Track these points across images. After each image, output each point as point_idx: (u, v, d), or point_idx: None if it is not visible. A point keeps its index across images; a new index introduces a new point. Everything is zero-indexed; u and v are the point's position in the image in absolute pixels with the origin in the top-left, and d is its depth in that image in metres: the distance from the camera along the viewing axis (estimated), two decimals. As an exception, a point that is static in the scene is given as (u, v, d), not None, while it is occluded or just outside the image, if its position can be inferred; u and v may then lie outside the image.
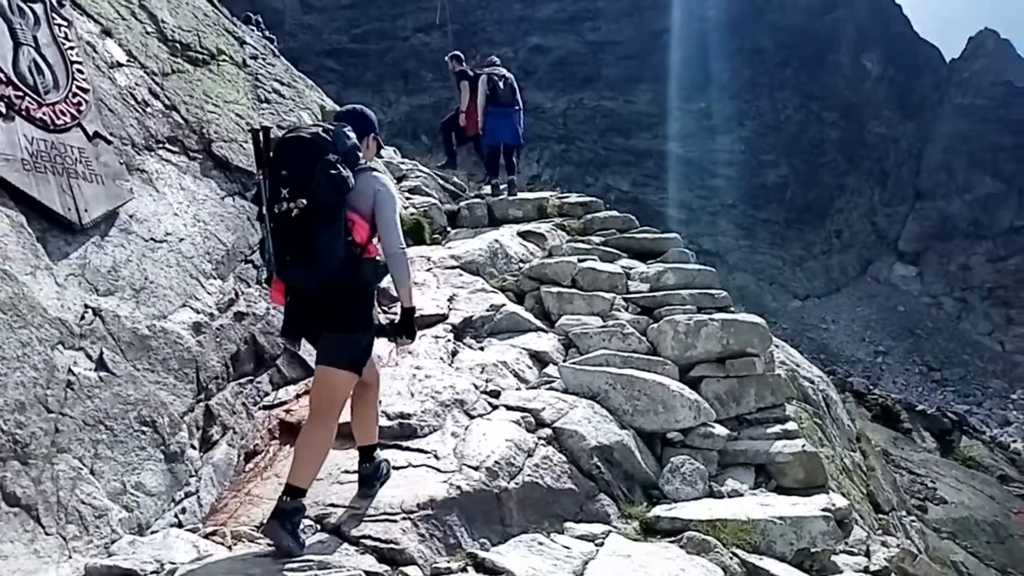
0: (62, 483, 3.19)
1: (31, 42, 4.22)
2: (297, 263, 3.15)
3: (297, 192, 3.11)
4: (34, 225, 3.79)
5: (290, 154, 3.20)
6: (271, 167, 3.21)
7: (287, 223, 3.12)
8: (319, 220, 3.11)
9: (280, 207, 3.13)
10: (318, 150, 3.16)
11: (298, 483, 3.18)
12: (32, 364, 3.31)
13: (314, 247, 3.11)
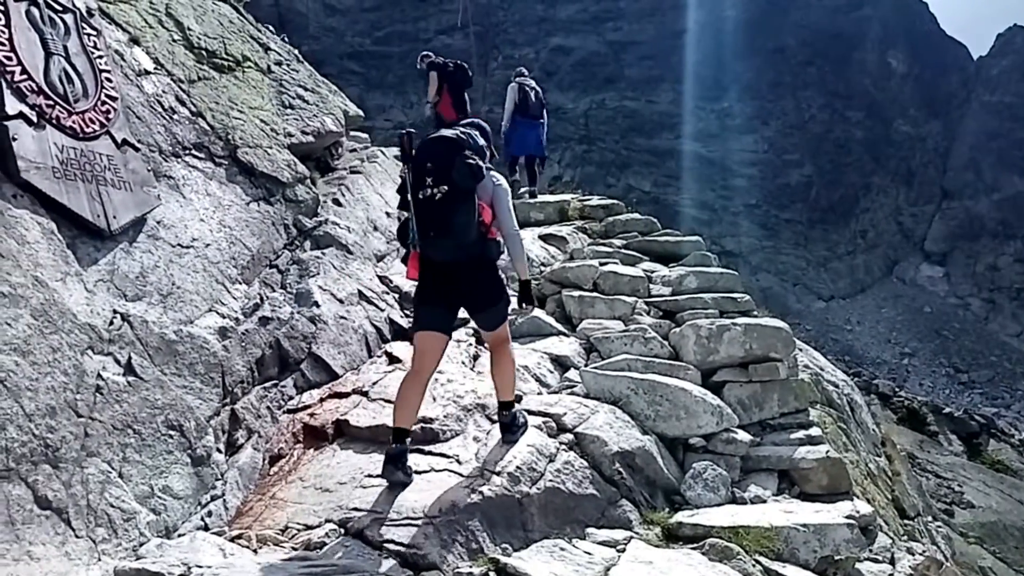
0: (92, 486, 3.25)
1: (61, 52, 4.31)
2: (440, 238, 3.77)
3: (440, 180, 3.76)
4: (64, 232, 3.86)
5: (434, 150, 3.86)
6: (415, 162, 3.83)
7: (431, 206, 3.76)
8: (458, 202, 3.76)
9: (425, 193, 3.77)
10: (458, 146, 3.85)
11: (509, 396, 4.19)
12: (62, 369, 3.38)
13: (453, 224, 3.75)
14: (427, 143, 3.90)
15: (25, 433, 3.09)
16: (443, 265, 3.88)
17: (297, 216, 5.70)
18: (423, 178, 3.79)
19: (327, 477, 3.97)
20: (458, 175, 3.74)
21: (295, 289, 5.13)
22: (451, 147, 3.84)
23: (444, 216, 3.74)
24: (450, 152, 3.81)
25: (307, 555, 3.22)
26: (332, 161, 7.22)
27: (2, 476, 2.96)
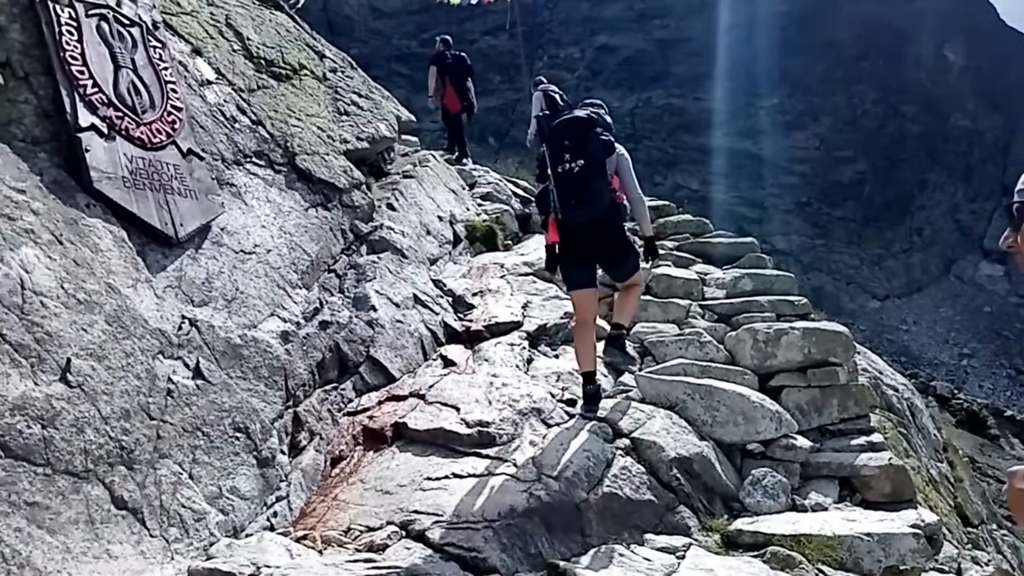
0: (164, 487, 3.35)
1: (129, 64, 4.46)
2: (579, 205, 4.36)
3: (577, 155, 4.33)
4: (134, 240, 4.00)
5: (570, 129, 4.41)
6: (552, 140, 4.42)
7: (570, 177, 4.34)
8: (593, 173, 4.34)
9: (564, 167, 4.35)
10: (590, 124, 4.42)
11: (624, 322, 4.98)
12: (135, 373, 3.50)
13: (590, 192, 4.34)
14: (562, 123, 4.46)
15: (102, 435, 3.21)
16: (581, 228, 4.44)
17: (353, 221, 5.79)
18: (561, 154, 4.35)
19: (387, 479, 4.03)
20: (593, 149, 4.33)
21: (353, 293, 5.22)
22: (585, 126, 4.41)
23: (582, 186, 4.33)
24: (584, 130, 4.38)
25: (371, 557, 3.28)
26: (385, 166, 7.31)
27: (82, 477, 3.08)
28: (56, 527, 2.89)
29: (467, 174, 9.61)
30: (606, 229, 4.51)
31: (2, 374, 3.00)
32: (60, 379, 3.18)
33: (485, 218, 8.23)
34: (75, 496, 3.01)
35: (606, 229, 4.51)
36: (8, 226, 3.38)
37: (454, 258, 7.16)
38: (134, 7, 4.68)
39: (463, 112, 10.74)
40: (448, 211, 7.59)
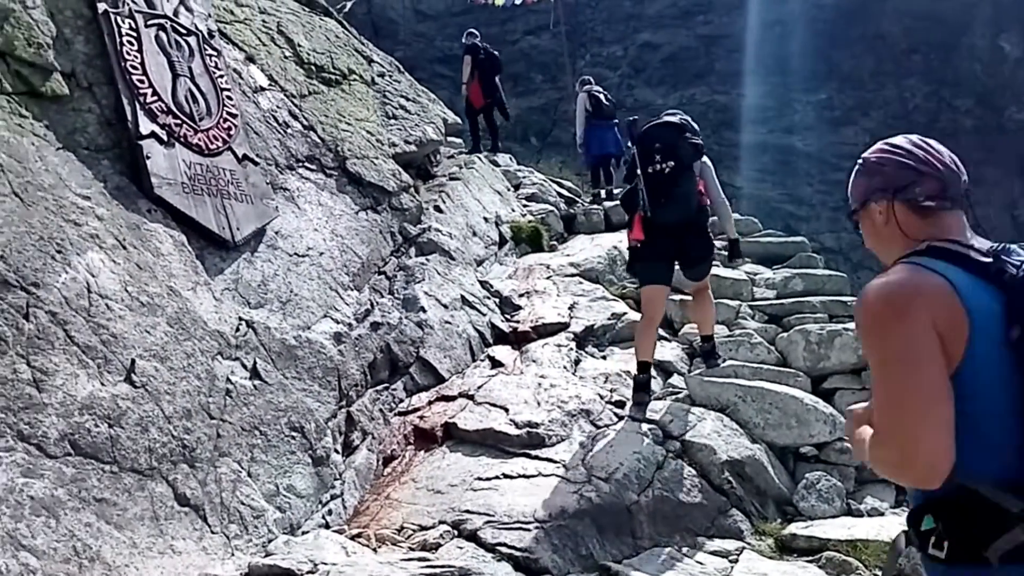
0: (224, 485, 3.44)
1: (187, 73, 4.58)
2: (668, 204, 4.55)
3: (667, 157, 4.52)
4: (193, 244, 4.11)
5: (662, 133, 4.62)
6: (642, 143, 4.62)
7: (660, 178, 4.54)
8: (682, 175, 4.56)
9: (654, 168, 4.55)
10: (682, 129, 4.62)
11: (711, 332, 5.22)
12: (196, 374, 3.60)
13: (680, 193, 4.56)
14: (654, 127, 4.69)
15: (165, 434, 3.31)
16: (668, 227, 4.63)
17: (402, 224, 5.86)
18: (652, 155, 4.56)
19: (438, 479, 4.08)
20: (683, 153, 4.53)
21: (402, 295, 5.28)
22: (676, 130, 4.62)
23: (671, 186, 4.53)
24: (675, 134, 4.59)
25: (425, 556, 3.32)
26: (432, 168, 7.38)
27: (146, 474, 3.18)
28: (123, 523, 2.99)
29: (512, 175, 9.64)
30: (693, 229, 4.74)
31: (71, 375, 3.12)
32: (125, 379, 3.29)
33: (530, 219, 8.25)
34: (140, 493, 3.11)
35: (693, 229, 4.74)
36: (75, 231, 3.50)
37: (500, 259, 7.19)
38: (190, 16, 4.81)
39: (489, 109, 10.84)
40: (494, 212, 7.63)
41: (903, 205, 1.58)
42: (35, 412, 2.92)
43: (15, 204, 3.33)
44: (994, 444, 1.39)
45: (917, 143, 1.63)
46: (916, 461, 1.36)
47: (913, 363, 1.37)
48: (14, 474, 2.76)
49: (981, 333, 1.37)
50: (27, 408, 2.91)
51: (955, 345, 1.37)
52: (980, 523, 1.37)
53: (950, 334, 1.37)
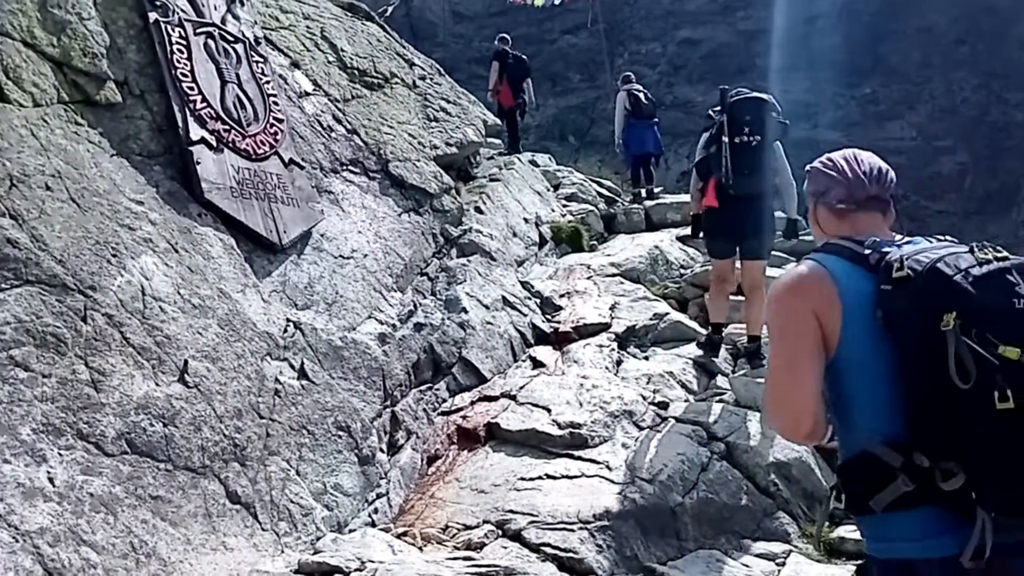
0: (274, 483, 3.51)
1: (234, 79, 4.68)
2: (751, 175, 4.74)
3: (755, 131, 4.71)
4: (242, 247, 4.20)
5: (752, 107, 4.80)
6: (732, 113, 4.77)
7: (746, 149, 4.72)
8: (766, 149, 4.77)
9: (741, 139, 4.72)
10: (771, 106, 4.81)
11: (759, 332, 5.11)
12: (246, 374, 3.68)
13: (763, 165, 4.77)
14: (745, 100, 4.85)
15: (217, 433, 3.39)
16: (743, 197, 4.81)
17: (444, 225, 5.91)
18: (740, 127, 4.72)
19: (482, 478, 4.11)
20: (769, 130, 4.73)
21: (444, 296, 5.33)
22: (766, 106, 4.82)
23: (756, 159, 4.73)
24: (764, 110, 4.80)
25: (470, 555, 3.36)
26: (472, 169, 7.42)
27: (199, 472, 3.26)
28: (177, 520, 3.08)
29: (551, 175, 9.65)
30: (762, 202, 4.98)
31: (127, 375, 3.21)
32: (179, 380, 3.38)
33: (570, 219, 8.25)
34: (194, 491, 3.19)
35: (762, 202, 4.98)
36: (129, 236, 3.61)
37: (540, 259, 7.21)
38: (237, 24, 4.91)
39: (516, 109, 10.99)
40: (534, 213, 7.65)
41: (823, 207, 1.92)
42: (93, 412, 3.02)
43: (72, 210, 3.44)
44: (878, 410, 1.64)
45: (842, 156, 1.93)
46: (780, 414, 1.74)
47: (789, 339, 1.70)
48: (74, 471, 2.85)
49: (854, 312, 1.64)
50: (86, 408, 3.01)
51: (832, 323, 1.65)
52: (870, 478, 1.61)
53: (826, 315, 1.65)
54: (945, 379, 1.51)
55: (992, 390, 1.48)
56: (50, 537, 2.63)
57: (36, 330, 2.99)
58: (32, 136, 3.50)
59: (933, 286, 1.56)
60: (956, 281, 1.54)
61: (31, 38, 3.74)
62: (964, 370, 1.49)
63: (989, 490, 1.52)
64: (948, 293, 1.54)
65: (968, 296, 1.53)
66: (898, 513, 1.59)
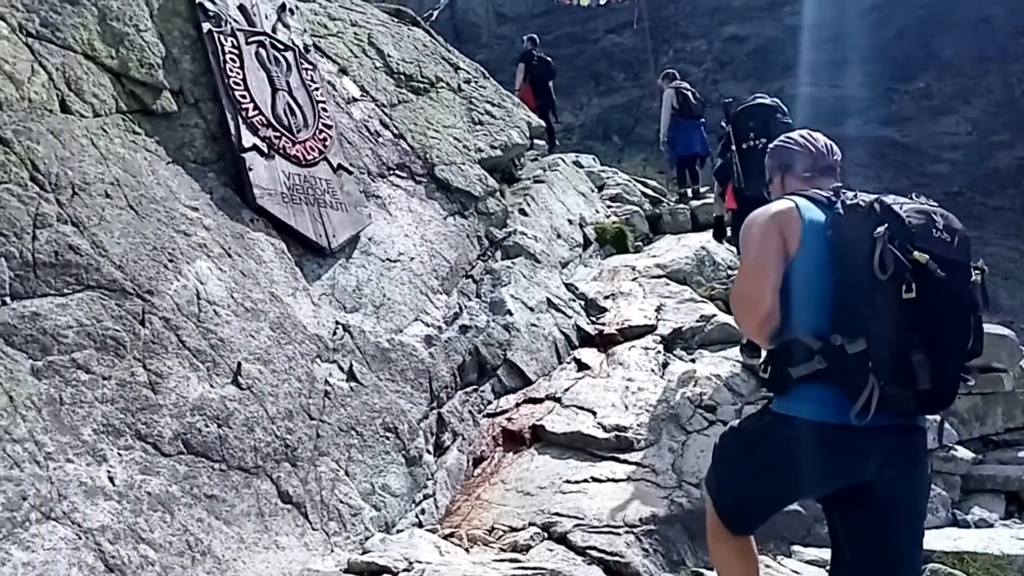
0: (324, 483, 3.58)
1: (285, 87, 4.77)
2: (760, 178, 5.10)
3: (760, 134, 4.88)
4: (292, 251, 4.28)
5: (756, 113, 5.05)
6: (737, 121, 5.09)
7: (754, 154, 4.84)
8: None
9: (748, 144, 4.97)
10: (774, 110, 5.01)
11: None
12: (297, 376, 3.75)
13: None
14: (749, 107, 5.16)
15: (269, 434, 3.47)
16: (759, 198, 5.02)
17: (488, 228, 5.95)
18: (746, 133, 5.00)
19: (527, 481, 4.13)
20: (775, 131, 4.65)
21: (489, 298, 5.36)
22: (769, 110, 5.04)
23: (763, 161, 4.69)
24: (768, 114, 5.01)
25: (516, 557, 3.38)
26: (516, 171, 7.45)
27: (252, 472, 3.34)
28: (231, 518, 3.16)
29: (596, 176, 9.63)
30: None
31: (183, 377, 3.30)
32: (232, 382, 3.47)
33: (615, 220, 8.22)
34: (247, 490, 3.27)
35: None
36: (184, 241, 3.71)
37: (584, 261, 7.19)
38: (287, 32, 5.01)
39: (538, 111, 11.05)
40: (578, 214, 7.64)
41: (792, 177, 2.47)
42: (151, 413, 3.12)
43: (131, 216, 3.55)
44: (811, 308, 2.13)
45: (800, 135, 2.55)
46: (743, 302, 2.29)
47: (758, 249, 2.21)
48: (133, 471, 2.95)
49: (810, 231, 2.16)
50: (144, 409, 3.10)
51: (793, 240, 2.16)
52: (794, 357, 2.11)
53: (789, 233, 2.17)
54: (869, 272, 1.98)
55: (901, 283, 1.96)
56: (111, 534, 2.72)
57: (97, 333, 3.10)
58: (92, 145, 3.62)
59: (876, 209, 2.07)
60: (893, 207, 2.06)
61: (91, 51, 3.87)
62: (884, 265, 1.96)
63: (883, 360, 1.98)
64: (885, 213, 2.05)
65: (899, 217, 2.03)
66: (806, 385, 2.10)
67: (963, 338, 2.06)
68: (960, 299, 2.05)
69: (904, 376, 1.96)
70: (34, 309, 2.96)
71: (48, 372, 2.88)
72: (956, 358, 2.06)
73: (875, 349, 1.98)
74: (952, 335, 2.04)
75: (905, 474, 2.12)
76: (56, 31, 3.74)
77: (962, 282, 2.07)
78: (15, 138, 3.27)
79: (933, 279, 1.96)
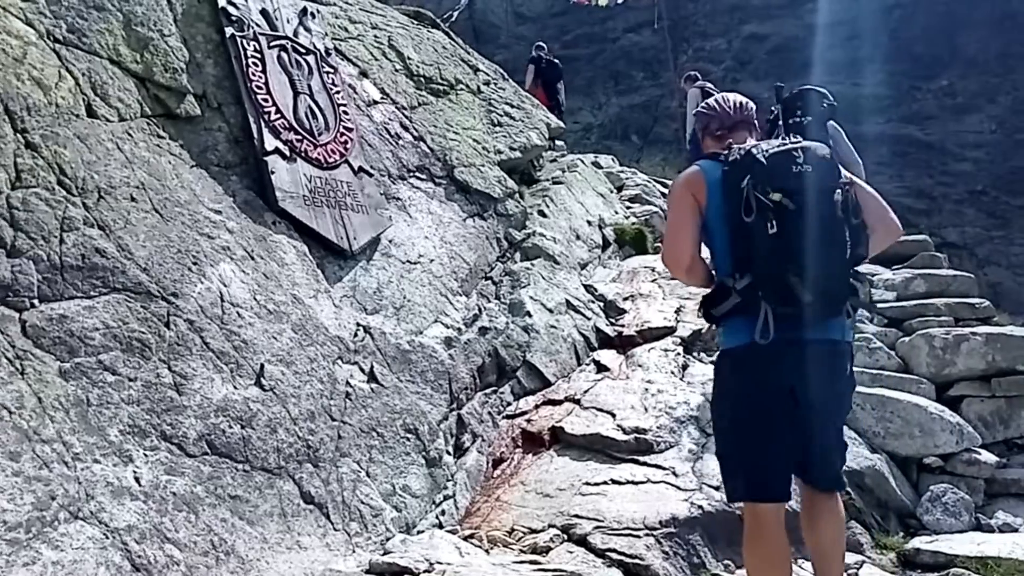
0: (345, 484, 3.61)
1: (306, 90, 4.81)
2: None
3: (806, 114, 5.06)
4: (314, 253, 4.32)
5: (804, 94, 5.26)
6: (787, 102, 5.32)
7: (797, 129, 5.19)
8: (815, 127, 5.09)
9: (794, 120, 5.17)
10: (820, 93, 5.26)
11: None
12: (319, 377, 3.79)
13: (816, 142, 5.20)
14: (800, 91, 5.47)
15: (291, 435, 3.50)
16: None
17: (507, 229, 5.96)
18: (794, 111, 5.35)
19: (547, 483, 4.13)
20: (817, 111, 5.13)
21: (508, 300, 5.37)
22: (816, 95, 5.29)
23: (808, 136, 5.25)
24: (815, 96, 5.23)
25: (536, 559, 3.38)
26: (535, 173, 7.45)
27: (275, 473, 3.37)
28: (255, 519, 3.19)
29: (615, 176, 9.61)
30: None
31: (207, 379, 3.35)
32: (255, 383, 3.51)
33: (634, 221, 8.20)
34: (270, 491, 3.30)
35: None
36: (208, 244, 3.75)
37: (603, 262, 7.19)
38: (309, 36, 5.05)
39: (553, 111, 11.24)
40: (596, 215, 7.64)
41: (708, 136, 2.92)
42: (176, 414, 3.16)
43: (156, 220, 3.60)
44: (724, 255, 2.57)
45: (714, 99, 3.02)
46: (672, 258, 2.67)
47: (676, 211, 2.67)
48: (159, 472, 2.99)
49: (712, 190, 2.57)
50: (169, 410, 3.15)
51: (702, 199, 2.59)
52: (717, 297, 2.56)
53: (699, 194, 2.60)
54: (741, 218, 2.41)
55: (765, 221, 2.36)
56: (137, 534, 2.76)
57: (123, 335, 3.14)
58: (118, 149, 3.67)
59: (743, 162, 2.47)
60: (756, 157, 2.45)
61: (116, 55, 3.93)
62: (749, 208, 2.38)
63: (765, 289, 2.40)
64: (750, 164, 2.45)
65: (760, 164, 2.43)
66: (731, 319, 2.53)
67: (837, 250, 2.43)
68: (823, 220, 2.39)
69: (786, 297, 2.38)
70: (62, 311, 3.01)
71: (75, 374, 2.93)
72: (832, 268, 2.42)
73: (759, 280, 2.41)
74: (823, 252, 2.38)
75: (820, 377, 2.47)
76: (82, 37, 3.80)
77: (824, 204, 2.41)
78: (43, 143, 3.33)
79: (789, 213, 2.35)
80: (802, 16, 33.55)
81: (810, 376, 2.45)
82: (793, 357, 2.44)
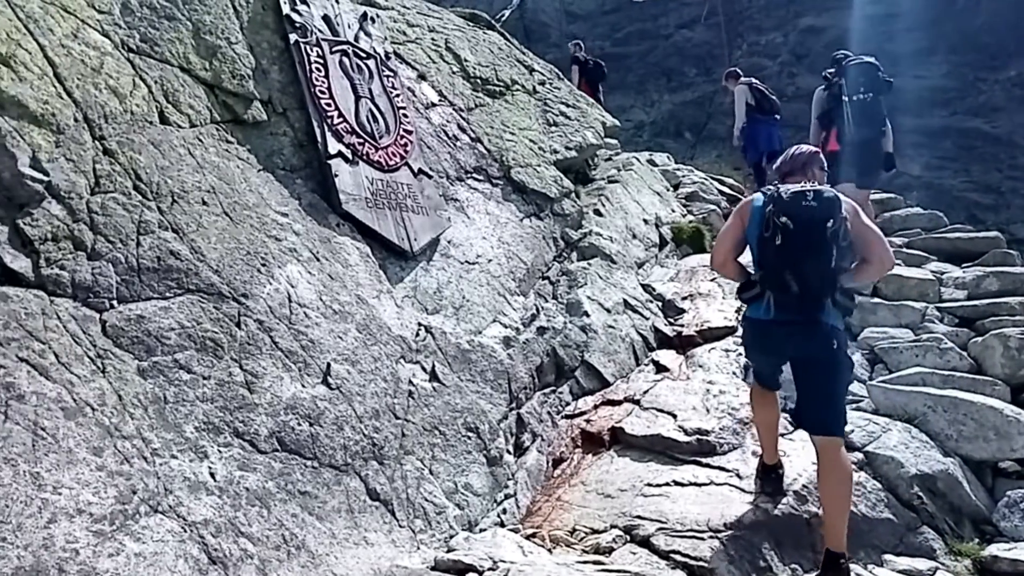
0: (409, 482, 3.66)
1: (367, 94, 4.89)
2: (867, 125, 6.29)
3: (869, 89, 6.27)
4: (376, 254, 4.39)
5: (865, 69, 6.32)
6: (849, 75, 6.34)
7: (864, 105, 6.30)
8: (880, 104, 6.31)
9: (858, 96, 6.28)
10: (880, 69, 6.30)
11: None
12: (382, 376, 3.85)
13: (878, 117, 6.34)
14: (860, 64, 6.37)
15: (357, 433, 3.56)
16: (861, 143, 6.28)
17: (564, 229, 5.95)
18: (857, 87, 6.25)
19: (607, 483, 4.12)
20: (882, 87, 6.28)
21: (565, 299, 5.37)
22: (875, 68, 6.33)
23: (871, 112, 6.28)
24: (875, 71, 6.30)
25: (599, 559, 3.38)
26: (590, 171, 7.43)
27: (342, 470, 3.44)
28: (323, 514, 3.26)
29: (671, 174, 9.52)
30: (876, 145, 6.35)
31: (277, 377, 3.43)
32: (322, 382, 3.58)
33: (691, 219, 8.11)
34: (337, 487, 3.37)
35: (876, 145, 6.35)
36: (276, 246, 3.84)
37: (660, 261, 7.12)
38: (369, 41, 5.13)
39: None
40: (653, 214, 7.57)
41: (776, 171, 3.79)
42: (248, 411, 3.24)
43: (226, 223, 3.70)
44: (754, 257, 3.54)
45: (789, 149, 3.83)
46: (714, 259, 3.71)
47: (726, 225, 3.72)
48: (232, 467, 3.08)
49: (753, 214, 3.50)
50: (241, 408, 3.23)
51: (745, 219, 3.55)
52: (747, 287, 3.59)
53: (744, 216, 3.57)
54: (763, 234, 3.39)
55: (775, 236, 3.33)
56: (213, 528, 2.85)
57: (197, 335, 3.24)
58: (189, 155, 3.79)
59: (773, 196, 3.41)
60: (781, 194, 3.39)
61: (187, 63, 4.05)
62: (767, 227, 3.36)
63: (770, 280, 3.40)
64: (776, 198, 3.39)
65: (780, 199, 3.37)
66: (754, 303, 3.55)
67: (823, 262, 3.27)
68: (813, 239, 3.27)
69: (781, 286, 3.35)
70: (139, 312, 3.12)
71: (153, 372, 3.04)
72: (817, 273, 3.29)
73: (766, 274, 3.42)
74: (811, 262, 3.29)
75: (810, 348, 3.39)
76: (154, 46, 3.93)
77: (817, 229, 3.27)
78: (119, 149, 3.45)
79: (790, 231, 3.29)
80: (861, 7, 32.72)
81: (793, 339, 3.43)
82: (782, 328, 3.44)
